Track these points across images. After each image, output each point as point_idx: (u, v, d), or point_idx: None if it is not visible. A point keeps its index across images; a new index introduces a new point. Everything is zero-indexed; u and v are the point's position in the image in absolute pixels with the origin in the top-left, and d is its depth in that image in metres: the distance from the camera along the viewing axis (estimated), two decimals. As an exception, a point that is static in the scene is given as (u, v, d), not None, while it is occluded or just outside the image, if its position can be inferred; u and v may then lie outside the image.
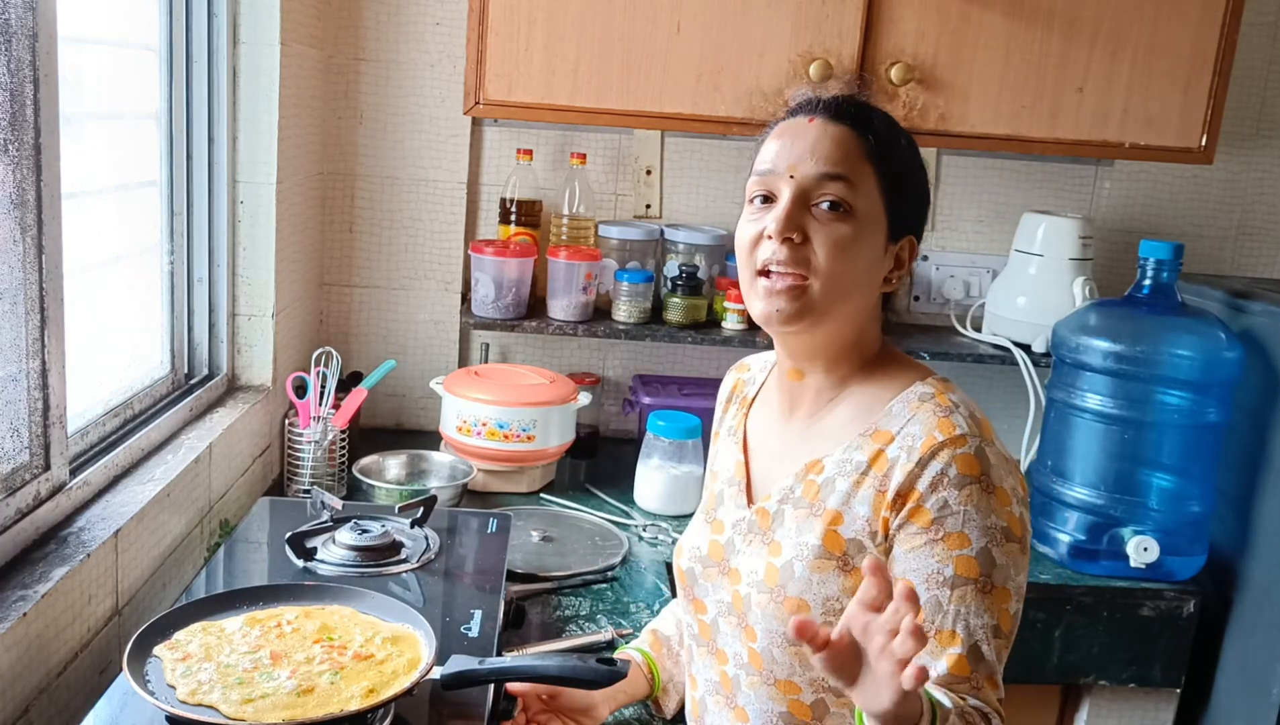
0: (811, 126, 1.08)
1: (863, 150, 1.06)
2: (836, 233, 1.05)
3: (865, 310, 1.11)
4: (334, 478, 1.92)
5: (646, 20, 1.89)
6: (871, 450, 1.06)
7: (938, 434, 1.02)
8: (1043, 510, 1.93)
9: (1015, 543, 1.02)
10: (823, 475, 1.09)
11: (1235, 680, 1.86)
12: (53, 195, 1.21)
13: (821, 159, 1.06)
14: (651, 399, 2.17)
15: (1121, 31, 1.93)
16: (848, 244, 1.05)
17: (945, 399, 1.06)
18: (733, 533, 1.17)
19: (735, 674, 1.15)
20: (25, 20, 1.15)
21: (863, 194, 1.06)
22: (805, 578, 1.06)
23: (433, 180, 2.22)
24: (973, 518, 1.00)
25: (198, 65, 1.72)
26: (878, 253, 1.08)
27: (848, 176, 1.05)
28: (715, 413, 1.31)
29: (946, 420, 1.03)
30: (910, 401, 1.07)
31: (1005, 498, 1.02)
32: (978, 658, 1.00)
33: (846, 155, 1.06)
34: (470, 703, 1.11)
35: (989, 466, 1.02)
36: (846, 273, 1.05)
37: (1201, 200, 2.34)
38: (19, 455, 1.21)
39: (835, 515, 1.07)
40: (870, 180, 1.06)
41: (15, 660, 1.07)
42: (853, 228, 1.05)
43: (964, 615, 1.00)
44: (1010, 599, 1.02)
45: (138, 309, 1.65)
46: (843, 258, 1.05)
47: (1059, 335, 1.92)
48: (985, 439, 1.03)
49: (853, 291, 1.07)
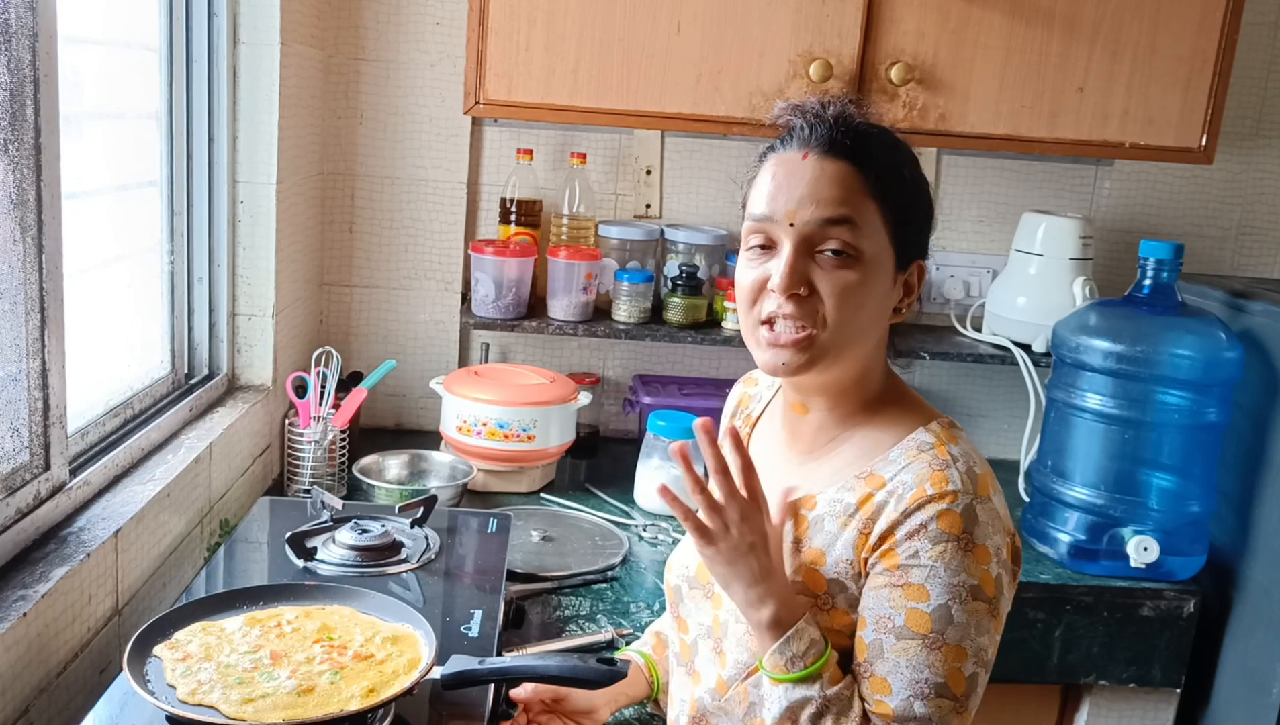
0: (807, 164, 1.01)
1: (865, 187, 1.01)
2: (844, 281, 1.00)
3: (874, 348, 1.08)
4: (334, 478, 1.92)
5: (646, 20, 1.89)
6: (862, 493, 1.03)
7: (929, 487, 0.99)
8: (1043, 510, 1.93)
9: (983, 603, 0.98)
10: (814, 512, 1.07)
11: (1235, 680, 1.86)
12: (53, 195, 1.21)
13: (822, 203, 1.00)
14: (652, 399, 2.17)
15: (1122, 31, 1.93)
16: (856, 291, 1.00)
17: (944, 452, 1.02)
18: None
19: (701, 698, 1.13)
20: (25, 20, 1.15)
21: (867, 234, 1.01)
22: None
23: (433, 180, 2.22)
24: (939, 574, 0.97)
25: (198, 65, 1.72)
26: (886, 289, 1.04)
27: (851, 219, 1.00)
28: (721, 424, 1.29)
29: (941, 474, 0.99)
30: (909, 448, 1.03)
31: (985, 556, 0.98)
32: (908, 713, 0.97)
33: (848, 196, 1.00)
34: (470, 703, 1.12)
35: (974, 525, 0.98)
36: (856, 320, 1.02)
37: (1201, 200, 2.34)
38: (19, 455, 1.21)
39: (818, 554, 1.04)
40: (874, 217, 1.01)
41: (15, 660, 1.07)
42: (860, 273, 1.00)
43: (902, 667, 0.97)
44: (965, 659, 0.97)
45: (138, 309, 1.65)
46: (851, 306, 1.01)
47: (1059, 335, 1.92)
48: (979, 496, 0.99)
49: (866, 337, 1.04)
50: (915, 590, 0.98)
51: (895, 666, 0.98)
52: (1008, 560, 1.02)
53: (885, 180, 1.02)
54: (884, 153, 1.03)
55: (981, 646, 0.99)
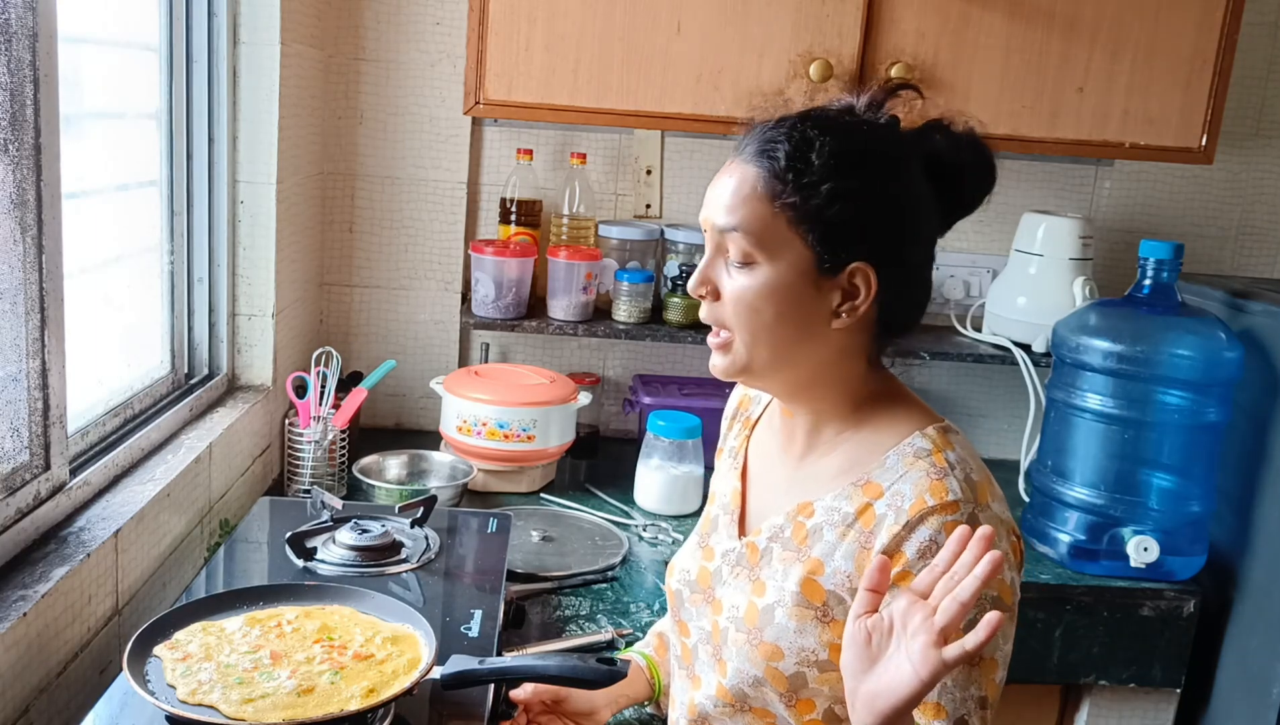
0: (728, 170, 1.03)
1: (766, 190, 0.99)
2: (740, 287, 1.01)
3: (822, 354, 1.04)
4: (334, 478, 1.92)
5: (646, 20, 1.89)
6: (860, 502, 1.02)
7: (928, 498, 0.97)
8: (1043, 510, 1.93)
9: (1005, 611, 0.96)
10: (812, 520, 1.06)
11: (1235, 680, 1.86)
12: (53, 195, 1.21)
13: (723, 209, 1.01)
14: (652, 399, 2.17)
15: (1122, 31, 1.93)
16: (751, 297, 1.00)
17: (942, 458, 1.00)
18: (721, 562, 1.14)
19: (702, 703, 1.13)
20: (25, 20, 1.15)
21: (770, 240, 0.99)
22: (784, 625, 1.04)
23: (433, 180, 2.22)
24: None
25: (198, 65, 1.72)
26: (804, 294, 1.00)
27: (745, 226, 0.99)
28: (721, 426, 1.29)
29: (940, 483, 0.98)
30: (906, 455, 1.02)
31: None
32: None
33: (744, 201, 1.00)
34: (470, 703, 1.12)
35: None
36: (760, 325, 1.01)
37: (1202, 200, 2.34)
38: (19, 455, 1.21)
39: (816, 564, 1.03)
40: (778, 221, 0.99)
41: (15, 660, 1.07)
42: (758, 279, 1.00)
43: (950, 689, 0.97)
44: (998, 669, 0.99)
45: (138, 309, 1.65)
46: (749, 311, 1.01)
47: (1059, 335, 1.92)
48: (980, 504, 0.98)
49: (782, 342, 1.02)
50: None
51: (943, 688, 0.97)
52: (1016, 563, 1.01)
53: (789, 183, 0.98)
54: (798, 152, 0.99)
55: (1007, 654, 1.01)
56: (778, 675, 1.04)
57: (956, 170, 1.04)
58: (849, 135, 1.01)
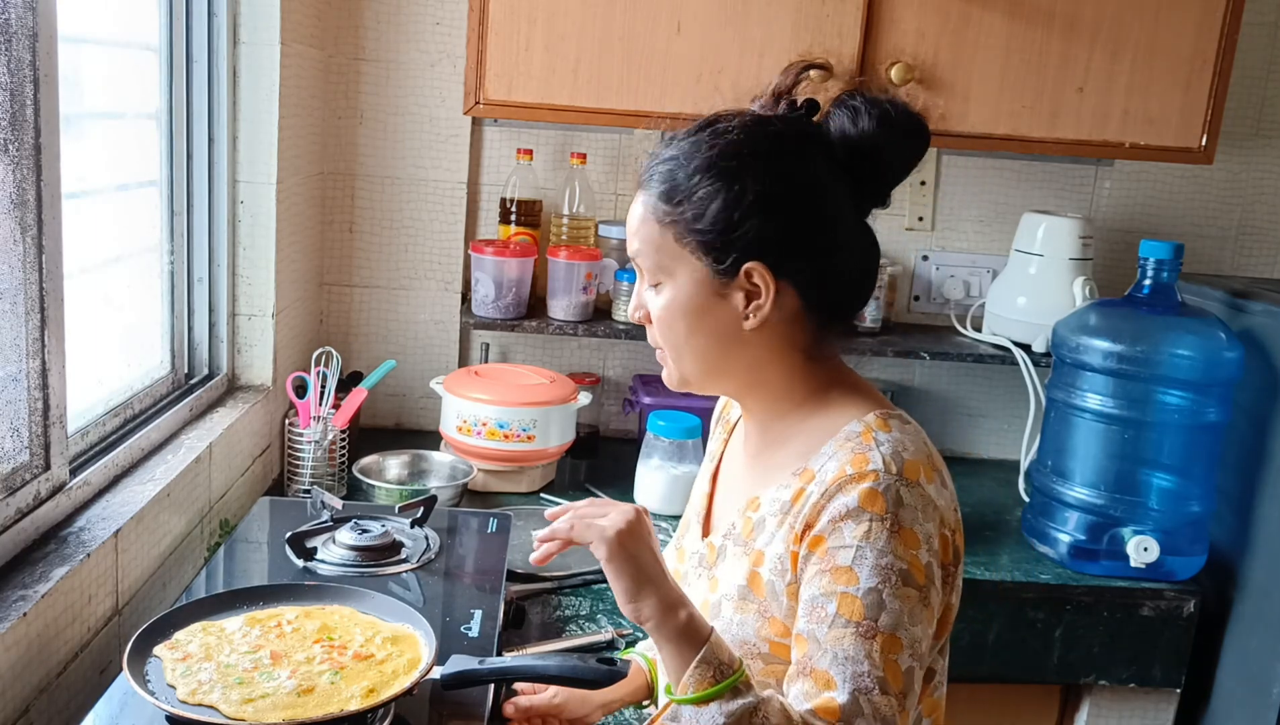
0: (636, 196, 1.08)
1: (651, 213, 1.04)
2: (656, 308, 1.06)
3: (751, 355, 1.05)
4: (334, 478, 1.92)
5: (646, 20, 1.89)
6: (795, 489, 1.02)
7: (848, 468, 0.97)
8: (1043, 510, 1.93)
9: (914, 588, 0.93)
10: (758, 513, 1.06)
11: (1235, 680, 1.86)
12: (53, 195, 1.21)
13: (630, 236, 1.07)
14: (652, 399, 2.17)
15: (1122, 31, 1.93)
16: (666, 316, 1.05)
17: (870, 438, 0.99)
18: (689, 563, 1.16)
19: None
20: (25, 20, 1.15)
21: (662, 258, 1.04)
22: (729, 618, 1.04)
23: (433, 180, 2.22)
24: (866, 555, 0.93)
25: (198, 65, 1.72)
26: (711, 303, 1.02)
27: (642, 252, 1.05)
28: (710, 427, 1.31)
29: (862, 456, 0.97)
30: (839, 440, 1.02)
31: (913, 541, 0.94)
32: (856, 711, 0.90)
33: (638, 227, 1.06)
34: (470, 703, 1.12)
35: (899, 507, 0.94)
36: (679, 340, 1.05)
37: (1202, 200, 2.33)
38: (19, 455, 1.21)
39: (759, 555, 1.03)
40: (665, 239, 1.03)
41: (15, 660, 1.07)
42: (666, 296, 1.04)
43: (841, 660, 0.92)
44: (900, 650, 0.92)
45: (138, 309, 1.65)
46: (666, 328, 1.06)
47: (1059, 335, 1.92)
48: (905, 479, 0.96)
49: (702, 353, 1.05)
50: (844, 574, 0.94)
51: (835, 658, 0.92)
52: (939, 551, 0.97)
53: (670, 202, 1.02)
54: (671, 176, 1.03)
55: (916, 638, 0.94)
56: None
57: (866, 142, 1.03)
58: (718, 141, 1.02)
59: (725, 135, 1.02)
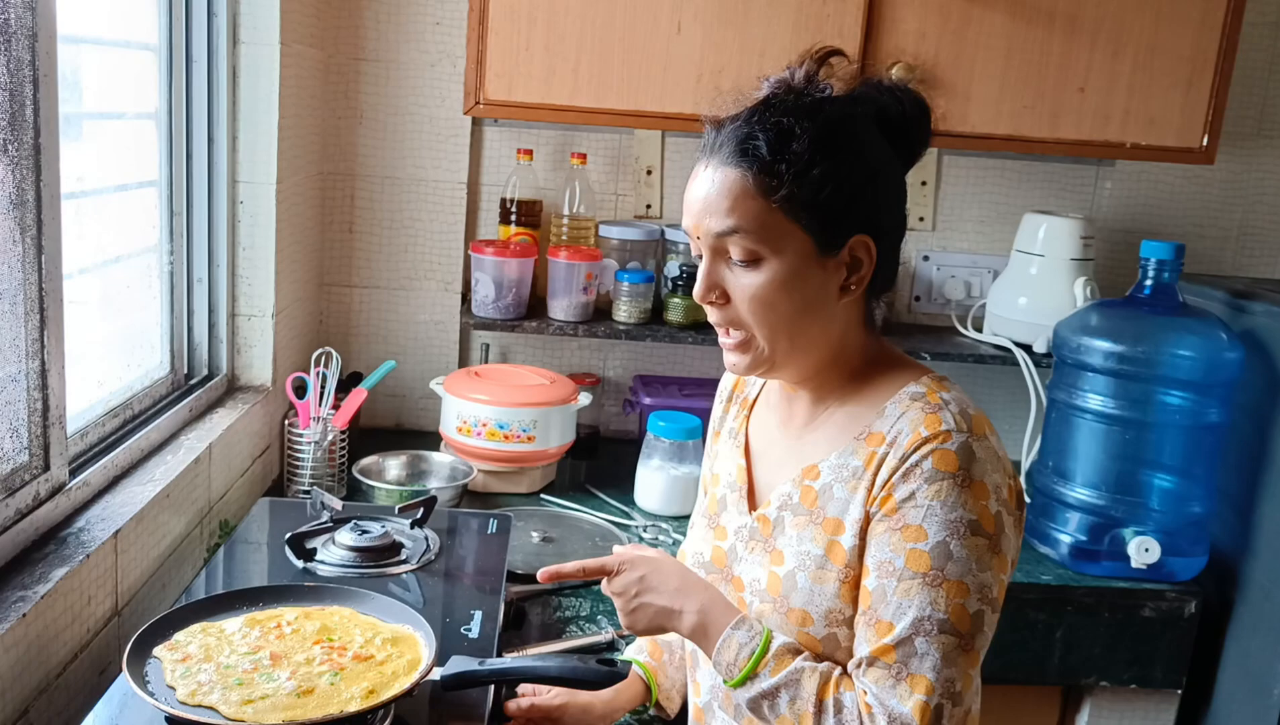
0: (702, 176, 1.04)
1: (752, 188, 1.00)
2: (750, 285, 1.02)
3: (831, 331, 1.07)
4: (334, 478, 1.92)
5: (647, 20, 1.89)
6: (866, 454, 1.04)
7: (923, 430, 1.00)
8: (1044, 511, 1.93)
9: (983, 538, 0.97)
10: (819, 481, 1.07)
11: (1236, 681, 1.86)
12: (52, 195, 1.21)
13: (714, 213, 1.02)
14: (652, 399, 2.17)
15: (1123, 31, 1.93)
16: (764, 292, 1.02)
17: (936, 397, 1.03)
18: (735, 539, 1.15)
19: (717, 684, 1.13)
20: (25, 20, 1.15)
21: (768, 234, 1.00)
22: (808, 588, 1.05)
23: (433, 180, 2.22)
24: (935, 512, 0.97)
25: (198, 65, 1.72)
26: (812, 278, 1.03)
27: (740, 228, 1.00)
28: (713, 410, 1.30)
29: (934, 416, 1.01)
30: (902, 402, 1.04)
31: (983, 492, 0.98)
32: (909, 650, 0.96)
33: (734, 202, 1.00)
34: (470, 704, 1.11)
35: (971, 461, 0.99)
36: (778, 319, 1.03)
37: (1203, 200, 2.33)
38: (18, 455, 1.21)
39: (836, 523, 1.04)
40: (772, 215, 1.00)
41: (15, 661, 1.07)
42: (768, 273, 1.01)
43: (904, 608, 0.96)
44: (968, 594, 0.96)
45: (138, 309, 1.65)
46: (766, 307, 1.03)
47: (1060, 335, 1.92)
48: (975, 435, 1.00)
49: (800, 329, 1.04)
50: (913, 531, 0.98)
51: (899, 608, 0.97)
52: (1009, 500, 1.01)
53: (779, 176, 0.99)
54: (776, 148, 1.00)
55: (985, 583, 0.97)
56: (810, 640, 1.04)
57: (903, 121, 1.06)
58: (816, 115, 1.02)
59: (818, 110, 1.02)
